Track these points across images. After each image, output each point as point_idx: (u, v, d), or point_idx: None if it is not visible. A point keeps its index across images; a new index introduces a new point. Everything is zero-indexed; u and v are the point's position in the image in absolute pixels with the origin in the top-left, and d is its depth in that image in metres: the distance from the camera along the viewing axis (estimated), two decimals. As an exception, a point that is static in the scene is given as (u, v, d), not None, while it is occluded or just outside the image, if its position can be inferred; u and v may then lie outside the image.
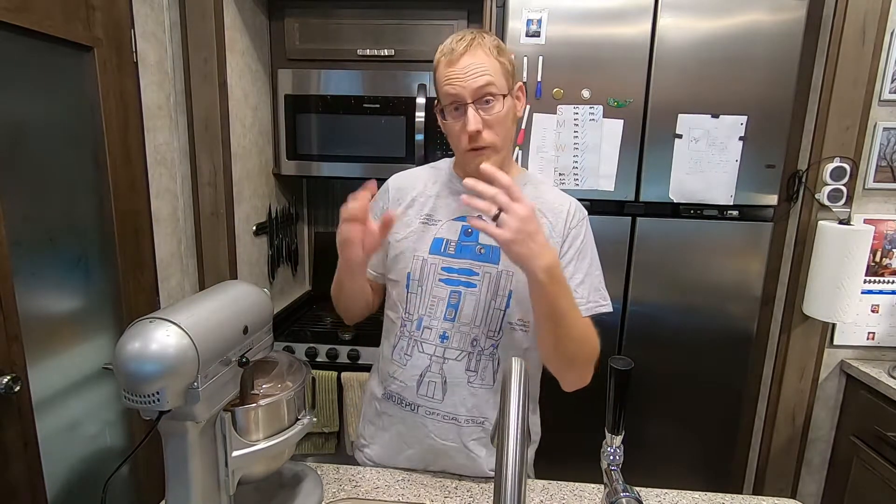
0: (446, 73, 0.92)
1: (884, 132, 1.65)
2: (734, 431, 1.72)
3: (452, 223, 1.00)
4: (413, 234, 1.01)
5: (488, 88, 0.91)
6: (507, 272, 0.96)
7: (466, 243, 0.99)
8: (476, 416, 0.99)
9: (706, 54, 1.51)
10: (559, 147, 1.60)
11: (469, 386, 0.98)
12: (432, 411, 0.99)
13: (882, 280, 1.74)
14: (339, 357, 1.83)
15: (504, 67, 0.93)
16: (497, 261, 0.97)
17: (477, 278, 0.97)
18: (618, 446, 0.74)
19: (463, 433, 0.99)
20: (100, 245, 1.43)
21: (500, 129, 0.94)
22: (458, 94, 0.91)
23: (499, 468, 0.54)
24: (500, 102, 0.92)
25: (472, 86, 0.90)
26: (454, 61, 0.91)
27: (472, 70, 0.90)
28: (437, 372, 0.98)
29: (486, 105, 0.92)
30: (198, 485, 0.74)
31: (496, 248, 0.96)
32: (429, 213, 1.02)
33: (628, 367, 0.70)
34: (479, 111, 0.91)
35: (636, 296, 1.66)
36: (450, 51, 0.93)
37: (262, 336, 0.85)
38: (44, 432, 1.23)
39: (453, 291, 0.98)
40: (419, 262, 1.00)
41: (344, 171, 1.98)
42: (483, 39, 0.93)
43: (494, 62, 0.92)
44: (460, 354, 0.98)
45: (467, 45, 0.91)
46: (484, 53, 0.92)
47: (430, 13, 1.86)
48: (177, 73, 1.64)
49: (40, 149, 1.25)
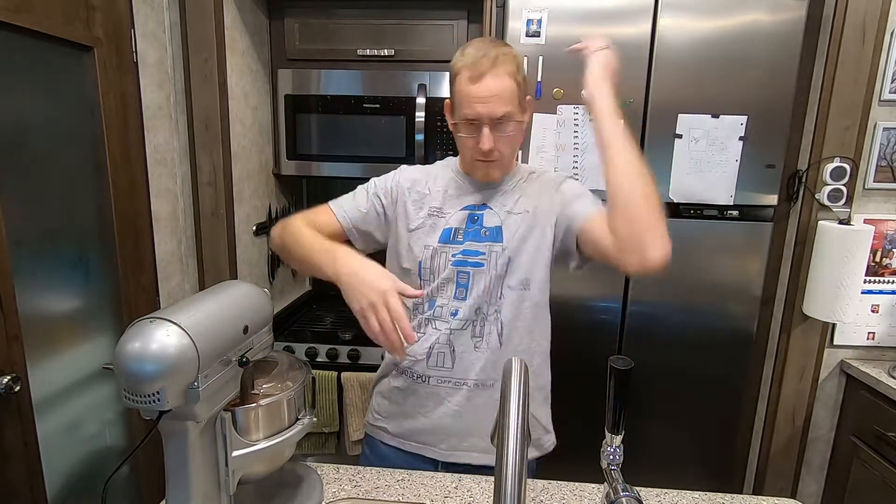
0: (467, 91, 0.96)
1: (884, 132, 1.65)
2: (734, 431, 1.72)
3: (459, 213, 1.06)
4: (425, 226, 1.06)
5: (506, 116, 0.96)
6: (511, 248, 1.03)
7: (472, 229, 1.05)
8: (484, 380, 1.05)
9: (706, 54, 1.51)
10: (559, 147, 1.60)
11: (476, 350, 1.04)
12: (444, 380, 1.06)
13: (882, 280, 1.74)
14: (339, 357, 1.83)
15: (521, 88, 0.98)
16: (501, 239, 1.03)
17: (483, 257, 1.03)
18: (618, 446, 0.74)
19: (473, 397, 1.05)
20: (100, 245, 1.43)
21: (509, 145, 1.02)
22: (478, 117, 0.96)
23: (499, 468, 0.54)
24: (514, 125, 0.99)
25: (494, 114, 0.96)
26: (476, 79, 0.95)
27: (494, 95, 0.94)
28: (445, 343, 1.05)
29: (501, 125, 0.97)
30: (198, 485, 0.74)
31: (498, 228, 1.04)
32: (438, 207, 1.07)
33: (628, 367, 0.69)
34: (493, 131, 0.97)
35: (636, 296, 1.66)
36: (472, 64, 0.95)
37: (262, 336, 0.85)
38: (44, 432, 1.23)
39: (461, 272, 1.04)
40: (430, 251, 1.05)
41: (344, 171, 1.98)
42: (506, 57, 0.96)
43: (514, 85, 0.96)
44: (465, 323, 1.04)
45: (492, 63, 0.94)
46: (507, 74, 0.95)
47: (430, 13, 1.86)
48: (177, 73, 1.64)
49: (40, 149, 1.25)
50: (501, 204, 1.06)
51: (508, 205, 1.06)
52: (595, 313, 1.70)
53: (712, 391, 1.69)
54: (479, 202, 1.07)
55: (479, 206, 1.06)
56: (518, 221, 1.04)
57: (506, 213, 1.05)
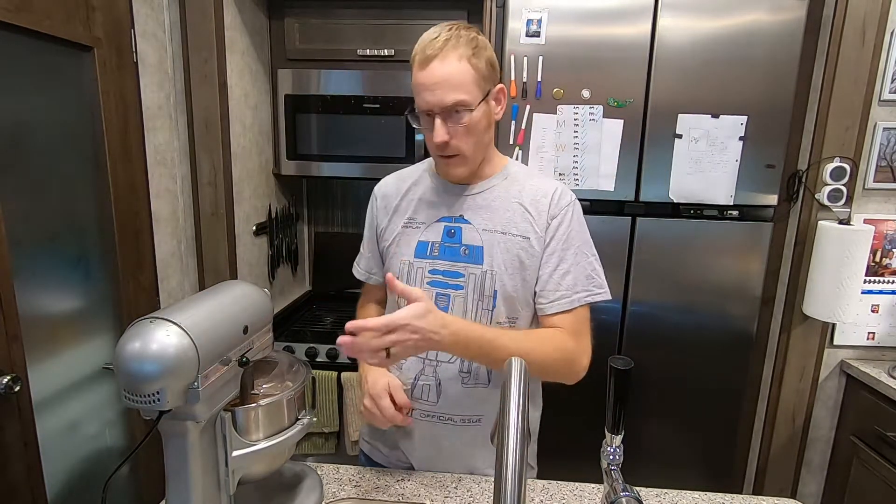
0: (417, 78, 0.89)
1: (884, 132, 1.65)
2: (734, 431, 1.72)
3: (435, 225, 0.99)
4: (398, 237, 1.01)
5: (458, 104, 0.88)
6: (492, 272, 0.95)
7: (450, 244, 0.97)
8: (471, 416, 0.99)
9: (706, 54, 1.51)
10: (559, 147, 1.60)
11: (463, 387, 0.98)
12: (427, 414, 1.00)
13: (882, 280, 1.74)
14: (340, 357, 1.83)
15: (479, 73, 0.89)
16: (481, 261, 0.95)
17: (462, 280, 0.96)
18: (618, 446, 0.74)
19: (459, 433, 1.00)
20: (100, 245, 1.43)
21: (469, 137, 0.91)
22: (428, 107, 0.89)
23: (499, 468, 0.54)
24: (471, 113, 0.89)
25: (442, 101, 0.87)
26: (424, 64, 0.88)
27: (441, 82, 0.86)
28: (431, 375, 0.98)
29: (456, 114, 0.89)
30: (198, 485, 0.74)
31: (479, 248, 0.96)
32: (411, 217, 1.01)
33: (628, 367, 0.69)
34: (447, 122, 0.89)
35: (636, 296, 1.66)
36: (422, 49, 0.88)
37: (262, 336, 0.85)
38: (44, 432, 1.23)
39: (440, 294, 0.97)
40: (405, 266, 0.99)
41: (344, 171, 1.98)
42: (459, 40, 0.88)
43: (467, 69, 0.87)
44: (452, 357, 0.97)
45: (440, 47, 0.87)
46: (456, 58, 0.87)
47: (430, 13, 1.87)
48: (177, 73, 1.64)
49: (40, 149, 1.25)
50: (481, 218, 0.97)
51: (489, 221, 0.97)
52: (595, 313, 1.67)
53: (712, 391, 1.69)
54: (455, 213, 0.98)
55: (457, 219, 0.98)
56: (502, 244, 0.95)
57: (486, 231, 0.96)
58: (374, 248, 1.09)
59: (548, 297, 0.95)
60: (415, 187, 1.04)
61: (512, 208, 0.97)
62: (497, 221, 0.96)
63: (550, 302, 0.95)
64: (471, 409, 0.99)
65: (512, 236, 0.96)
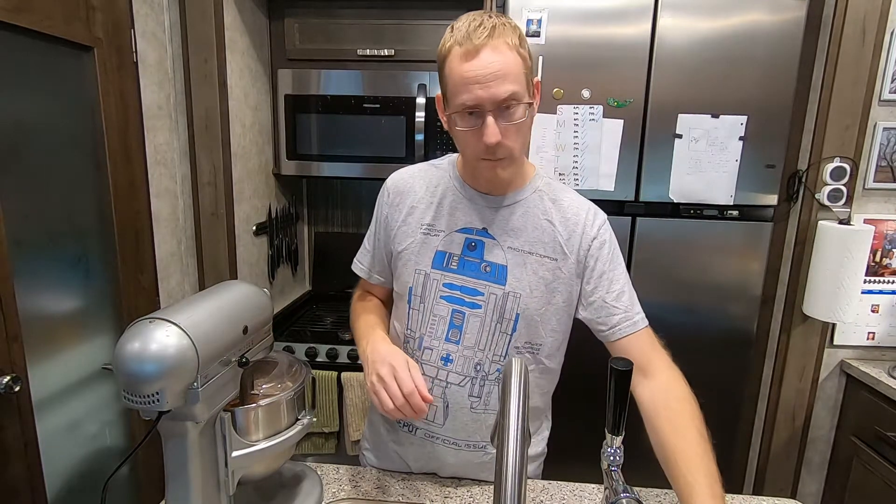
0: (461, 72, 0.77)
1: (884, 132, 1.65)
2: (734, 431, 1.72)
3: (455, 235, 0.92)
4: (414, 245, 0.93)
5: (512, 98, 0.78)
6: (515, 294, 0.89)
7: (470, 258, 0.90)
8: (478, 441, 0.95)
9: (706, 54, 1.51)
10: (559, 147, 1.59)
11: (472, 412, 0.93)
12: (432, 435, 0.96)
13: (882, 280, 1.74)
14: (340, 357, 1.83)
15: (526, 64, 0.80)
16: (504, 282, 0.89)
17: (482, 299, 0.89)
18: (618, 446, 0.74)
19: (463, 457, 0.97)
20: (100, 245, 1.43)
21: (520, 135, 0.82)
22: (478, 102, 0.77)
23: (499, 468, 0.54)
24: (524, 108, 0.80)
25: (496, 95, 0.76)
26: (472, 54, 0.76)
27: (496, 73, 0.76)
28: (440, 396, 0.93)
29: (508, 111, 0.79)
30: (198, 485, 0.74)
31: (503, 267, 0.89)
32: (430, 223, 0.93)
33: (628, 367, 0.69)
34: (498, 119, 0.78)
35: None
36: (465, 38, 0.77)
37: (262, 336, 0.85)
38: (44, 432, 1.23)
39: (456, 311, 0.91)
40: (421, 276, 0.92)
41: (344, 171, 1.98)
42: (504, 27, 0.78)
43: (517, 59, 0.78)
44: (463, 380, 0.92)
45: (489, 34, 0.76)
46: (507, 46, 0.77)
47: (430, 13, 1.86)
48: (177, 73, 1.64)
49: (40, 149, 1.25)
50: (506, 235, 0.90)
51: (515, 239, 0.90)
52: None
53: (712, 391, 1.67)
54: (478, 226, 0.91)
55: (479, 232, 0.91)
56: (528, 265, 0.89)
57: (512, 250, 0.90)
58: (378, 245, 1.01)
59: (607, 323, 0.91)
60: (434, 189, 0.95)
61: (541, 226, 0.90)
62: (524, 240, 0.90)
63: (611, 329, 0.90)
64: (478, 435, 0.94)
65: (539, 257, 0.90)
